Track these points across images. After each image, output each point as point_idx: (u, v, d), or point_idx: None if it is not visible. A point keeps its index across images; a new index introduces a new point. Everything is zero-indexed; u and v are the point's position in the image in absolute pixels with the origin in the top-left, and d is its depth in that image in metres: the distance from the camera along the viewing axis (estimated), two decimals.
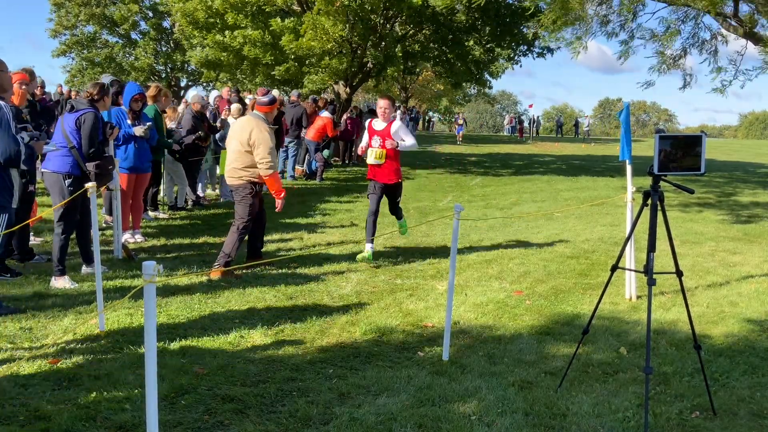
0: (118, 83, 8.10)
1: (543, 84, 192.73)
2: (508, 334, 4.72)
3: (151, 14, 34.95)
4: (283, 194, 6.28)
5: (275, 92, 13.15)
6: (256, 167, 6.09)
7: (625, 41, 10.08)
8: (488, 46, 18.10)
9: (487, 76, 21.55)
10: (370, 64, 17.66)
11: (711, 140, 51.37)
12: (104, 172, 5.79)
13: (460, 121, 34.64)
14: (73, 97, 14.19)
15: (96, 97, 5.87)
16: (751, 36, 9.73)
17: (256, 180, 6.16)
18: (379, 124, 6.76)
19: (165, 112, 8.95)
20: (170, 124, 9.34)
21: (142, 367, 3.81)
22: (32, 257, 6.31)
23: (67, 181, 5.60)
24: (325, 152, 14.60)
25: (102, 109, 6.06)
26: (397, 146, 6.57)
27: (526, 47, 18.36)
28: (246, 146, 6.07)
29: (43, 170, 5.81)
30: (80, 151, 5.64)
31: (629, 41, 10.05)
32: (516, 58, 19.22)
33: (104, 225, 7.78)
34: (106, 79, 7.87)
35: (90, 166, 5.67)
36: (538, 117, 43.23)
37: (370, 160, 6.73)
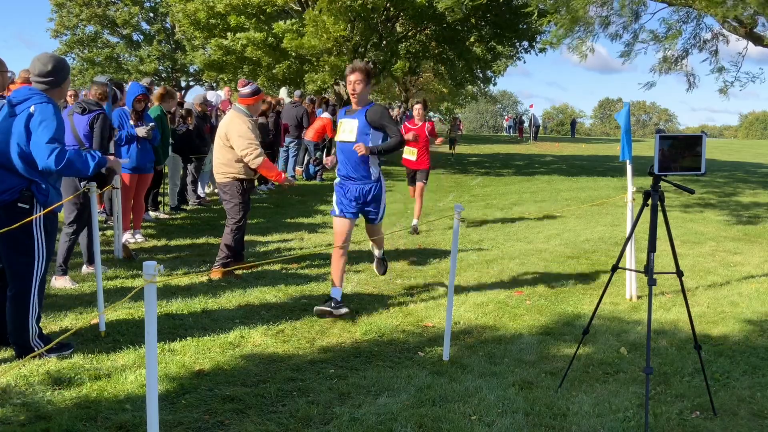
0: (115, 83, 8.07)
1: (540, 84, 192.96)
2: (509, 334, 4.72)
3: (152, 15, 34.98)
4: (284, 176, 6.20)
5: (283, 91, 13.09)
6: (239, 163, 5.93)
7: (629, 43, 10.03)
8: (489, 44, 18.10)
9: (490, 73, 21.55)
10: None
11: (711, 140, 51.35)
12: (110, 173, 5.87)
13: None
14: (68, 101, 14.11)
15: (101, 98, 6.14)
16: (751, 36, 9.72)
17: (243, 177, 6.00)
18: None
19: (170, 112, 8.95)
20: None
21: (143, 367, 3.83)
22: None
23: (82, 183, 5.59)
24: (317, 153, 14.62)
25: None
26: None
27: (527, 43, 18.37)
28: (226, 141, 5.91)
29: None
30: None
31: (632, 42, 10.01)
32: (518, 54, 19.20)
33: (104, 225, 7.79)
34: (101, 78, 7.85)
35: None
36: (521, 117, 43.25)
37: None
